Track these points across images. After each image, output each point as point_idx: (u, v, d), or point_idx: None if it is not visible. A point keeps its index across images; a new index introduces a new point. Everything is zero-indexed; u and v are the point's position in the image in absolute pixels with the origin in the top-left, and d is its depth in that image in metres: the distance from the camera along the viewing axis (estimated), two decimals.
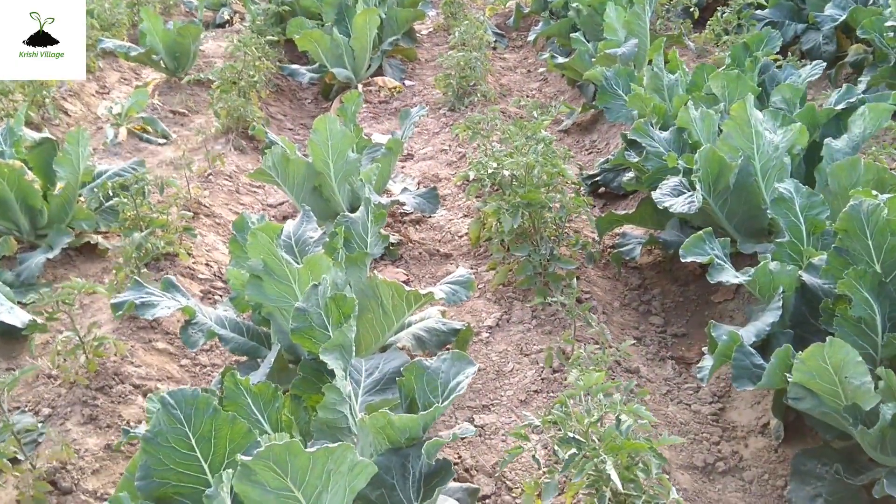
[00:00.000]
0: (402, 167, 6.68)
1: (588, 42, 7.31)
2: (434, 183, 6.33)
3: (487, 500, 3.20)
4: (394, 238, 5.23)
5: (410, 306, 3.59)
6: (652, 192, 4.34)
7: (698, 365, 3.37)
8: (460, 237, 5.37)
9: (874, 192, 3.35)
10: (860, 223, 3.24)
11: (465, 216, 5.66)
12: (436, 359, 2.83)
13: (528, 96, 8.37)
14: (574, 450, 2.47)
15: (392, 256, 5.08)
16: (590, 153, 7.22)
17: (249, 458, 2.05)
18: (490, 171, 4.35)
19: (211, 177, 6.55)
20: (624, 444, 2.40)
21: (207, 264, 5.43)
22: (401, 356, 3.39)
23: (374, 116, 7.91)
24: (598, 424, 2.49)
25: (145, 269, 4.86)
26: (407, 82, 8.82)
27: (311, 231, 4.17)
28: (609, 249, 5.24)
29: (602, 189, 6.10)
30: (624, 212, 5.17)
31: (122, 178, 5.45)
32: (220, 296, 5.15)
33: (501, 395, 3.81)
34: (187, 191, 5.97)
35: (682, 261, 3.64)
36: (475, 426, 3.60)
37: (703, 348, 4.30)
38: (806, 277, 3.49)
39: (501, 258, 4.52)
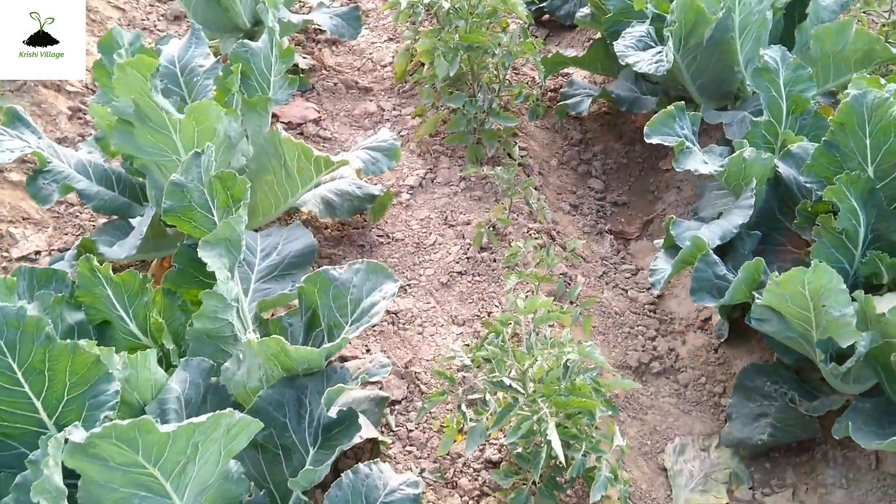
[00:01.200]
0: None
1: None
2: None
3: (397, 406, 2.79)
4: (304, 62, 4.45)
5: (320, 171, 2.96)
6: (614, 43, 3.68)
7: (651, 266, 2.92)
8: (383, 66, 4.62)
9: (882, 81, 2.83)
10: (860, 117, 2.73)
11: (391, 39, 4.88)
12: (347, 268, 2.27)
13: None
14: (509, 397, 2.02)
15: (302, 86, 4.33)
16: None
17: (81, 438, 1.50)
18: None
19: None
20: (570, 401, 1.96)
21: None
22: (305, 236, 2.82)
23: None
24: (540, 365, 2.02)
25: None
26: None
27: (202, 57, 3.41)
28: (550, 93, 4.62)
29: (546, 16, 5.37)
30: (573, 53, 4.51)
31: None
32: None
33: (420, 274, 3.31)
34: None
35: (647, 140, 3.09)
36: (388, 312, 3.12)
37: (648, 229, 3.91)
38: (782, 168, 3.02)
39: (431, 104, 3.86)
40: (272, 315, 2.68)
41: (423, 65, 3.87)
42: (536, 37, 5.30)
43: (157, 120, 2.76)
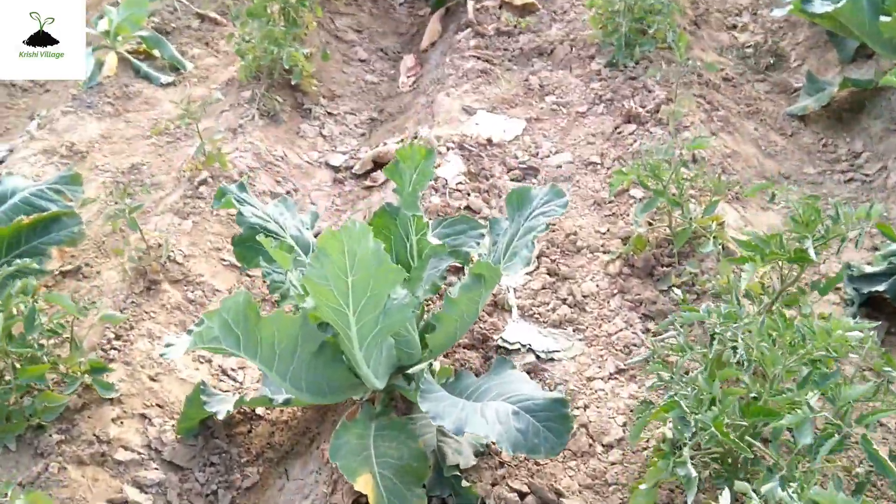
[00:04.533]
0: None
1: None
2: (569, 245, 3.56)
3: None
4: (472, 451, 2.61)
5: None
6: None
7: None
8: (608, 447, 2.68)
9: None
10: None
11: (618, 380, 2.94)
12: None
13: (737, 50, 5.19)
14: None
15: (464, 500, 2.49)
16: (844, 171, 4.18)
17: None
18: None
19: (203, 189, 3.98)
20: None
21: (145, 415, 3.02)
22: None
23: (483, 71, 4.93)
24: None
25: None
26: None
27: None
28: None
29: (880, 291, 3.22)
30: None
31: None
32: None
33: None
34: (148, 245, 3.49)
35: None
36: None
37: None
38: None
39: None
40: None
41: None
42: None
43: None
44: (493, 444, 2.34)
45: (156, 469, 2.88)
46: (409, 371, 2.76)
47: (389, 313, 2.39)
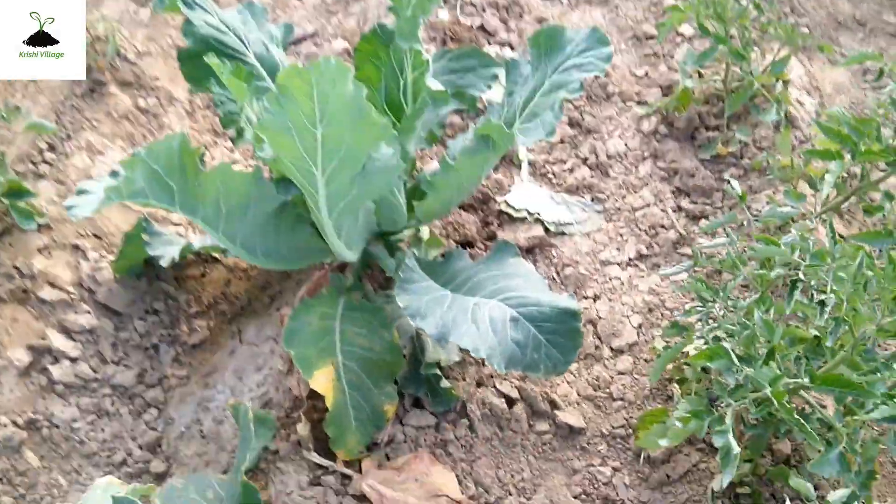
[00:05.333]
0: None
1: None
2: (598, 89, 2.96)
3: None
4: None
5: None
6: None
7: None
8: (617, 352, 2.27)
9: None
10: None
11: (638, 268, 2.48)
12: None
13: None
14: None
15: (442, 402, 2.11)
16: None
17: None
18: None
19: None
20: None
21: (78, 246, 2.56)
22: None
23: None
24: None
25: None
26: None
27: None
28: None
29: None
30: None
31: None
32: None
33: None
34: None
35: None
36: None
37: None
38: None
39: None
40: None
41: None
42: None
43: None
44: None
45: (87, 312, 2.46)
46: (391, 238, 2.28)
47: (369, 176, 1.87)
